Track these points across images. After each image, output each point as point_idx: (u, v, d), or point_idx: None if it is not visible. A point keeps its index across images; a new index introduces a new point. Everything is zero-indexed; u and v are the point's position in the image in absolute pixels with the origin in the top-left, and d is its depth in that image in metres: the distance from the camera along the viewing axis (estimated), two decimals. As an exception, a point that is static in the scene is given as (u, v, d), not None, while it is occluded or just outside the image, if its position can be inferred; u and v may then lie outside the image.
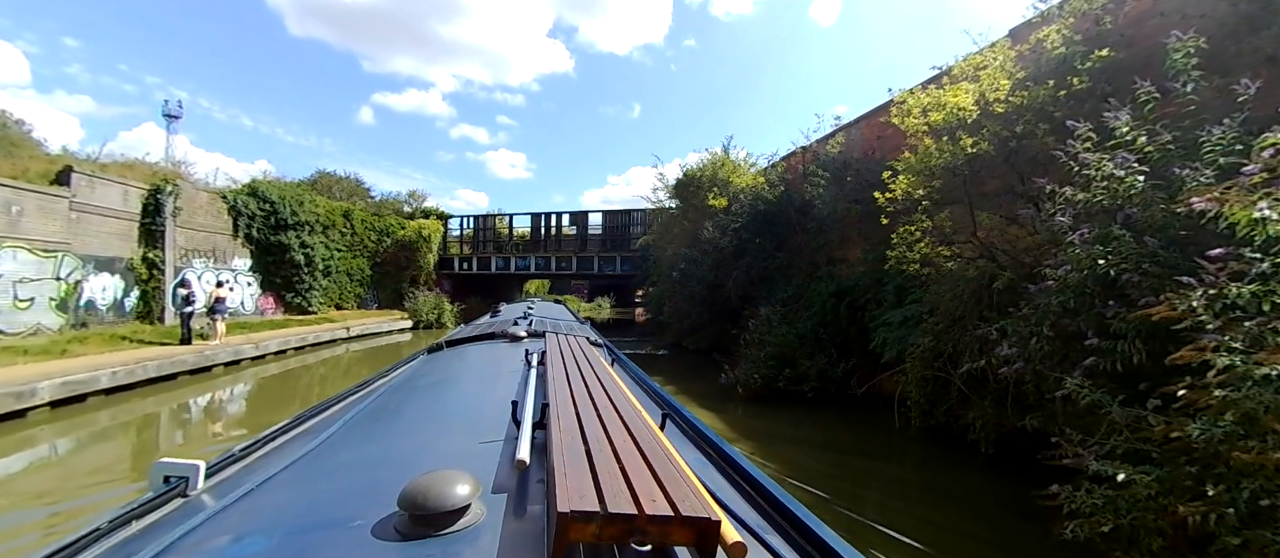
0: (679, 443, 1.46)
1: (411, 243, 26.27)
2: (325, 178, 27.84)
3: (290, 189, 20.66)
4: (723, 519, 0.83)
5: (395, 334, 20.41)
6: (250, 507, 1.20)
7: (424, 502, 0.91)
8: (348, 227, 23.78)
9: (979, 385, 6.30)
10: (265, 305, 19.82)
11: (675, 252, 15.19)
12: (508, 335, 3.46)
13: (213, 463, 1.51)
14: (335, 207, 23.20)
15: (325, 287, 22.22)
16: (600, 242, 26.52)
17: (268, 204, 19.43)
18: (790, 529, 1.06)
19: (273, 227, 19.65)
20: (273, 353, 13.56)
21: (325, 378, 12.79)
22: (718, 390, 10.04)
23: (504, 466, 1.23)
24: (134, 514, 1.20)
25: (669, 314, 14.34)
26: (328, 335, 16.26)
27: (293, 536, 1.03)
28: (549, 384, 1.81)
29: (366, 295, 25.24)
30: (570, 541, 0.80)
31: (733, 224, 13.61)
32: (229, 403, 10.10)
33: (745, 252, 13.32)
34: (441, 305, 22.14)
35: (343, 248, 23.53)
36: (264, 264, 19.66)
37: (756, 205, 13.53)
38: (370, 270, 25.16)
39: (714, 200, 14.05)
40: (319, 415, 2.19)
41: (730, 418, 8.32)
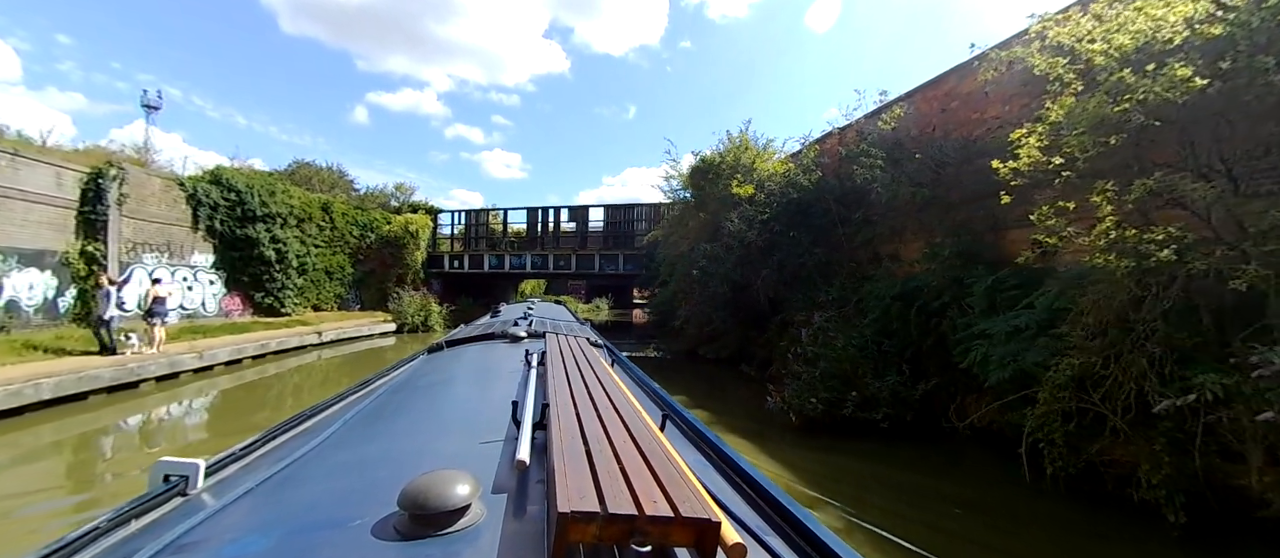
0: (679, 444, 1.48)
1: (398, 240, 24.32)
2: (304, 169, 25.83)
3: (260, 178, 18.68)
4: (723, 520, 0.83)
5: (376, 339, 18.46)
6: (250, 506, 1.20)
7: (424, 502, 0.90)
8: (327, 221, 21.80)
9: (1145, 420, 4.52)
10: (231, 306, 17.83)
11: (692, 247, 13.36)
12: (508, 336, 3.42)
13: (212, 462, 1.47)
14: (312, 199, 21.21)
15: (301, 286, 20.25)
16: (602, 239, 24.66)
17: (233, 193, 17.45)
18: (790, 531, 1.06)
19: (239, 219, 17.66)
20: (224, 363, 11.59)
21: (286, 394, 10.86)
22: (759, 414, 8.20)
23: (504, 466, 1.22)
24: (133, 513, 1.18)
25: (685, 318, 12.51)
26: (295, 341, 14.30)
27: (292, 535, 1.02)
28: (549, 385, 1.79)
29: (348, 296, 23.27)
30: (570, 541, 0.79)
31: (760, 216, 11.79)
32: (152, 430, 8.16)
33: (776, 247, 11.50)
34: (428, 307, 20.20)
35: (321, 244, 21.56)
36: (229, 260, 17.68)
37: (788, 194, 11.71)
38: (352, 269, 23.19)
39: (738, 188, 12.23)
40: (319, 415, 2.13)
41: (785, 454, 6.48)
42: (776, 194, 11.83)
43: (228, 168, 18.29)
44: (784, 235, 11.29)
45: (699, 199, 13.73)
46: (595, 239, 24.85)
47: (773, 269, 11.26)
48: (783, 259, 11.32)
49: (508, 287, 34.25)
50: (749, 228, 11.69)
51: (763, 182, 12.48)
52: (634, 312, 46.18)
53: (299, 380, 12.02)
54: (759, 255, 11.70)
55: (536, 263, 24.76)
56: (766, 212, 11.82)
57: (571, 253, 24.26)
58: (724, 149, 13.55)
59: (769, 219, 11.69)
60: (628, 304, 51.38)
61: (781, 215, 11.66)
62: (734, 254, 11.73)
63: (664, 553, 0.84)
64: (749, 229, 11.67)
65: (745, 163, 13.15)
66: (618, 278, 26.67)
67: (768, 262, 11.50)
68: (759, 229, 11.57)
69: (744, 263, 11.71)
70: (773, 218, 11.71)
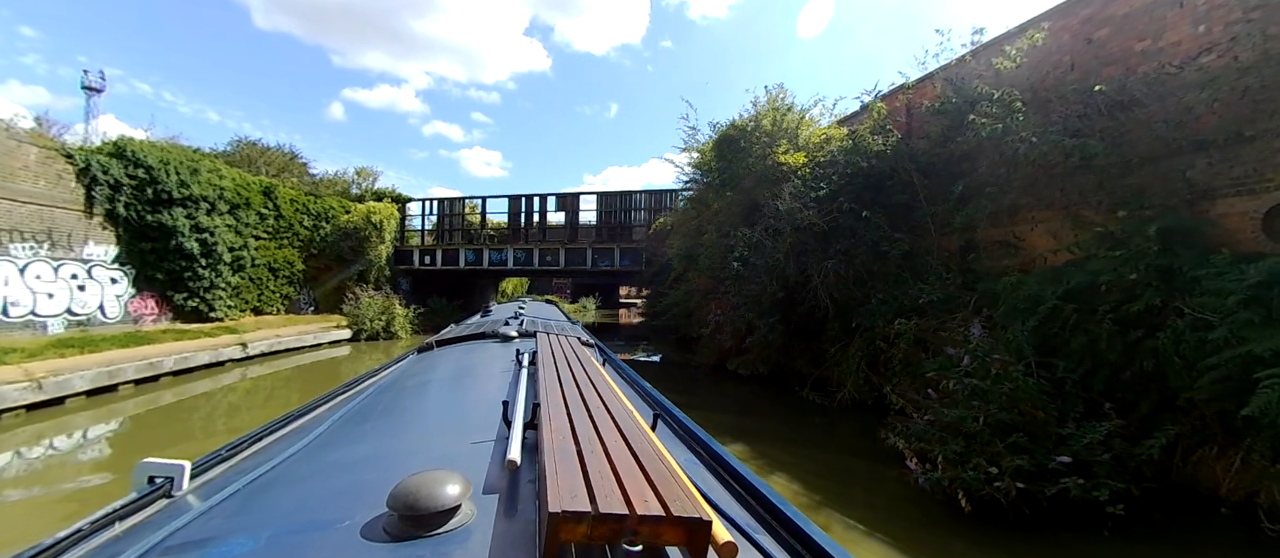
0: (670, 443, 1.49)
1: (358, 232, 21.03)
2: (247, 148, 22.28)
3: (179, 152, 15.29)
4: (713, 519, 0.83)
5: (325, 349, 15.24)
6: (237, 508, 1.17)
7: (414, 502, 0.90)
8: (270, 208, 18.43)
9: None
10: (141, 310, 14.44)
11: (723, 234, 10.56)
12: (499, 335, 3.38)
13: (198, 463, 1.44)
14: (250, 181, 17.81)
15: (236, 285, 16.89)
16: (594, 231, 21.74)
17: (142, 170, 14.06)
18: (781, 529, 1.05)
19: (150, 201, 14.28)
20: (83, 393, 8.31)
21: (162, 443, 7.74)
22: (882, 485, 5.45)
23: (495, 466, 1.21)
24: (117, 515, 1.15)
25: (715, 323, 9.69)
26: (208, 356, 11.05)
27: (280, 537, 0.99)
28: (540, 384, 1.76)
29: (299, 297, 19.92)
30: (561, 541, 0.79)
31: (814, 192, 9.07)
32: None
33: (839, 232, 8.79)
34: (391, 309, 17.05)
35: (264, 236, 18.19)
36: (138, 254, 14.29)
37: (854, 163, 9.00)
38: (304, 265, 19.84)
39: (786, 157, 9.50)
40: (307, 415, 2.09)
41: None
42: (837, 165, 9.11)
43: (135, 140, 14.84)
44: (853, 216, 8.57)
45: (725, 175, 10.94)
46: (587, 232, 21.91)
47: (838, 260, 8.53)
48: (849, 247, 8.60)
49: (487, 285, 31.06)
50: (803, 208, 8.95)
51: (813, 151, 9.76)
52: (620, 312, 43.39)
53: (193, 420, 8.83)
54: (816, 243, 8.98)
55: (520, 258, 21.72)
56: (823, 187, 9.10)
57: (559, 247, 21.28)
58: (759, 111, 10.78)
59: (828, 196, 8.97)
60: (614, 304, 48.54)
61: (845, 191, 8.95)
62: (784, 241, 8.97)
63: (655, 552, 0.83)
64: (803, 209, 8.93)
65: (787, 128, 10.42)
66: (611, 275, 23.78)
67: (828, 251, 8.78)
68: (818, 209, 8.84)
69: (798, 253, 8.97)
70: (831, 194, 8.99)
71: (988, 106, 7.15)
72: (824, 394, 8.56)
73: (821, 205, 8.97)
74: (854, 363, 8.44)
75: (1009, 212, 7.75)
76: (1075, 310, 5.67)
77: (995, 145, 7.04)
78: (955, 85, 8.33)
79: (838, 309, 8.74)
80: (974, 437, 4.71)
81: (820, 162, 9.40)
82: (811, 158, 9.48)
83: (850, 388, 8.28)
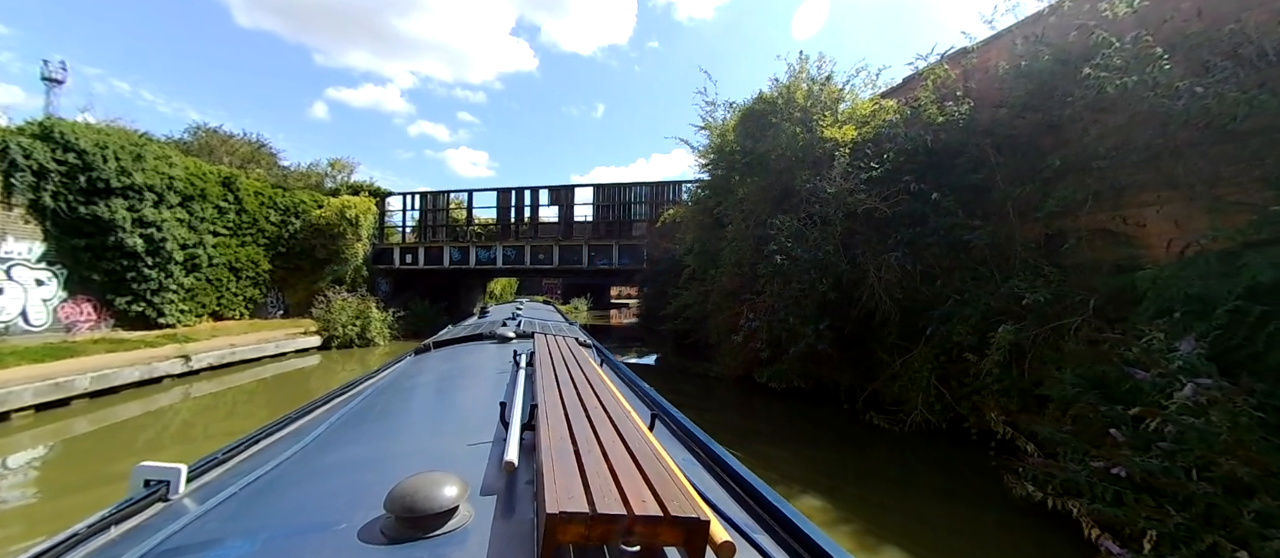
0: (668, 443, 1.47)
1: (332, 228, 19.22)
2: (208, 136, 20.29)
3: (120, 136, 13.39)
4: (711, 519, 0.83)
5: (291, 359, 13.43)
6: (233, 511, 1.16)
7: (411, 504, 0.89)
8: (230, 201, 16.55)
9: None
10: (75, 316, 12.55)
11: (752, 224, 9.05)
12: (496, 336, 3.37)
13: (195, 466, 1.43)
14: (206, 170, 15.93)
15: (190, 287, 15.02)
16: (591, 228, 20.14)
17: (74, 155, 12.18)
18: (779, 529, 1.05)
19: (84, 191, 12.40)
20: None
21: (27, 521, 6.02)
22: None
23: (492, 467, 1.21)
24: (113, 519, 1.14)
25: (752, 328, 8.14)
26: (137, 372, 9.19)
27: (277, 540, 0.98)
28: (537, 385, 1.74)
29: (266, 300, 18.07)
30: (559, 542, 0.79)
31: (866, 172, 7.62)
32: None
33: (900, 220, 7.35)
34: (367, 313, 15.29)
35: (223, 232, 16.32)
36: (70, 251, 12.40)
37: (916, 138, 7.56)
38: (270, 265, 17.98)
39: (833, 131, 8.04)
40: (304, 417, 2.07)
41: None
42: (896, 139, 7.66)
43: (67, 121, 12.93)
44: (922, 199, 7.12)
45: (752, 156, 9.43)
46: (582, 228, 20.31)
47: (902, 252, 7.08)
48: (915, 237, 7.16)
49: (474, 286, 29.28)
50: (854, 190, 7.48)
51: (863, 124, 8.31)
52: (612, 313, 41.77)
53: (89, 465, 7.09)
54: (872, 232, 7.53)
55: (509, 257, 20.06)
56: (875, 166, 7.64)
57: (553, 244, 19.67)
58: (790, 82, 9.30)
59: (884, 176, 7.52)
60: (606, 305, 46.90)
61: (904, 170, 7.50)
62: (834, 231, 7.49)
63: (653, 553, 0.83)
64: (854, 192, 7.46)
65: (826, 100, 8.95)
66: (609, 275, 22.23)
67: (887, 242, 7.33)
68: (872, 191, 7.38)
69: (850, 245, 7.51)
70: (889, 174, 7.54)
71: (1110, 57, 5.73)
72: (885, 414, 7.09)
73: (876, 187, 7.52)
74: (922, 377, 6.99)
75: (1113, 193, 6.36)
76: (1264, 313, 4.25)
77: (1124, 103, 5.61)
78: (1043, 41, 6.92)
79: (899, 311, 7.28)
80: (1188, 501, 3.25)
81: (872, 137, 7.94)
82: (862, 133, 8.01)
83: (920, 408, 6.83)
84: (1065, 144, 6.64)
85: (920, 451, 6.53)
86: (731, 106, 11.27)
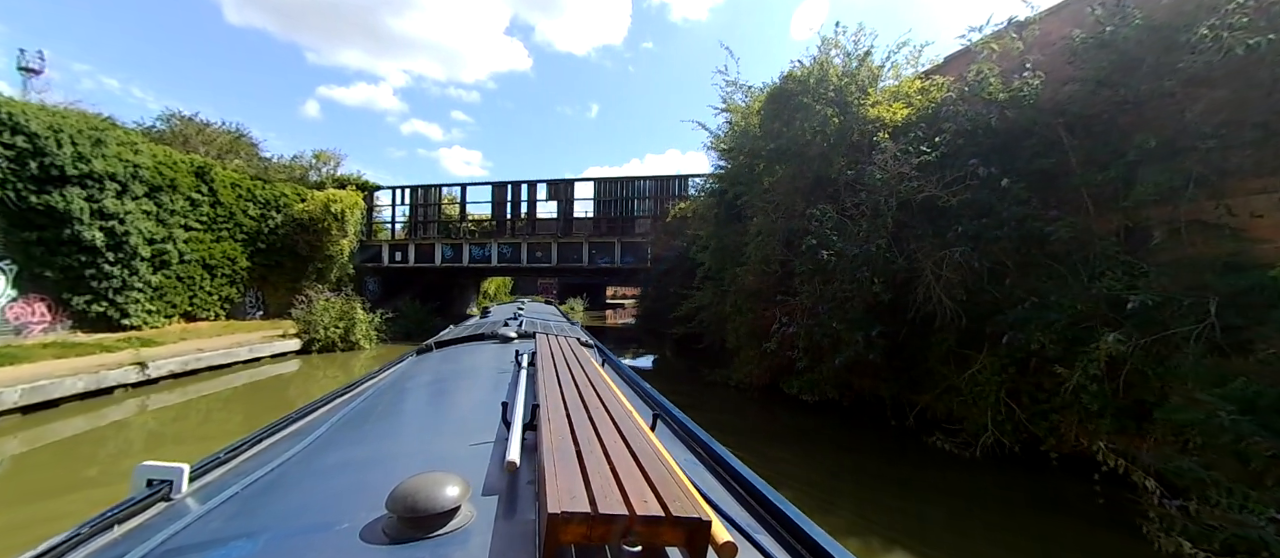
0: (670, 443, 1.47)
1: (316, 223, 18.06)
2: (184, 125, 19.03)
3: (77, 119, 12.18)
4: (713, 519, 0.82)
5: (266, 364, 12.28)
6: (236, 510, 1.15)
7: (413, 504, 0.89)
8: (204, 192, 15.37)
9: None
10: (24, 316, 11.36)
11: (783, 215, 8.08)
12: (498, 336, 3.37)
13: (197, 466, 1.42)
14: (177, 159, 14.73)
15: (158, 286, 13.83)
16: (592, 225, 19.12)
17: (23, 137, 11.00)
18: (780, 529, 1.05)
19: (36, 178, 11.22)
20: None
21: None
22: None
23: (494, 467, 1.20)
24: (115, 518, 1.14)
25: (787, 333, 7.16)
26: (80, 383, 7.89)
27: (279, 539, 0.98)
28: (539, 385, 1.74)
29: (243, 300, 16.89)
30: (561, 542, 0.79)
31: (918, 158, 6.67)
32: None
33: (961, 210, 6.41)
34: (351, 314, 14.16)
35: (197, 226, 15.14)
36: (19, 245, 11.22)
37: (979, 118, 6.62)
38: (248, 262, 16.80)
39: (880, 109, 7.10)
40: (306, 417, 2.05)
41: None
42: (958, 117, 6.71)
43: (15, 100, 11.72)
44: (989, 187, 6.18)
45: (781, 140, 8.45)
46: (583, 225, 19.27)
47: (965, 247, 6.13)
48: (979, 230, 6.21)
49: (467, 285, 28.18)
50: (902, 178, 6.53)
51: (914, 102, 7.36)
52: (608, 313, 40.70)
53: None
54: (926, 224, 6.59)
55: (505, 255, 18.99)
56: (925, 150, 6.70)
57: (551, 242, 18.62)
58: (824, 58, 8.34)
59: (939, 159, 6.58)
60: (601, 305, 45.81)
61: (965, 154, 6.56)
62: (884, 223, 6.53)
63: (654, 553, 0.83)
64: (904, 181, 6.51)
65: (862, 80, 7.99)
66: (609, 274, 21.21)
67: (945, 235, 6.38)
68: (933, 177, 6.44)
69: (904, 238, 6.56)
70: (945, 159, 6.60)
71: (1233, 14, 4.80)
72: (947, 434, 6.14)
73: (931, 173, 6.57)
74: (990, 392, 6.05)
75: (1217, 178, 5.45)
76: None
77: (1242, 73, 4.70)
78: (1122, 9, 6.00)
79: (961, 315, 6.33)
80: None
81: (928, 116, 7.00)
82: (912, 113, 7.07)
83: (990, 428, 5.88)
84: (1148, 123, 5.73)
85: (999, 481, 5.58)
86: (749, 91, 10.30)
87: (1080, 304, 5.51)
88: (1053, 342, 5.51)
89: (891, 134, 7.23)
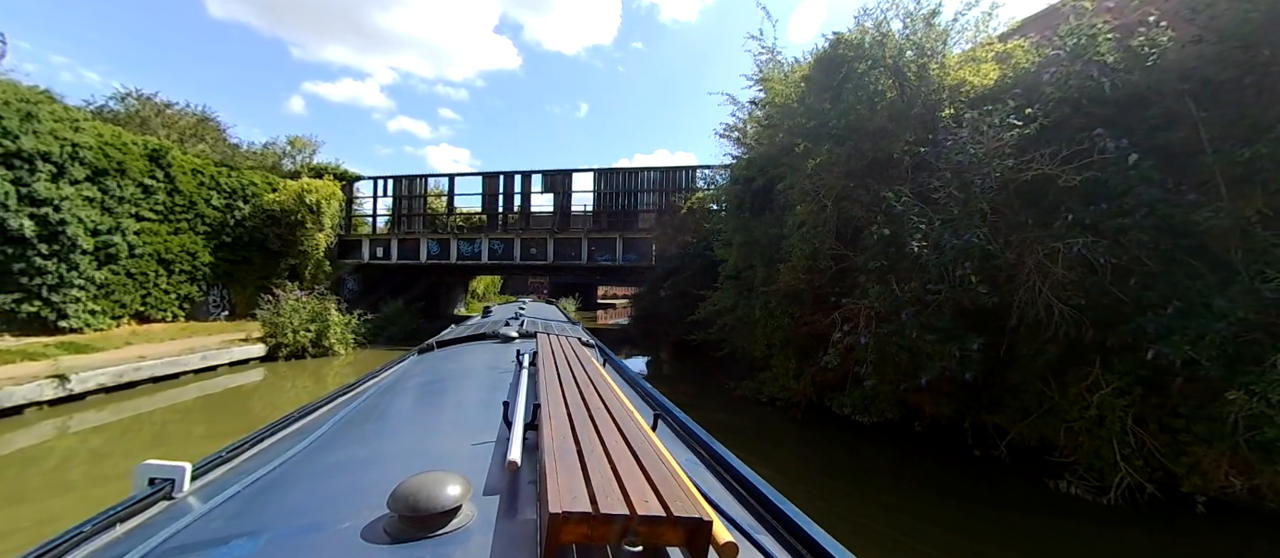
0: (671, 443, 1.47)
1: (289, 215, 16.49)
2: (142, 105, 17.25)
3: (3, 90, 10.54)
4: (714, 519, 0.83)
5: (222, 374, 10.74)
6: (237, 509, 1.15)
7: (414, 503, 0.89)
8: (159, 178, 13.75)
9: None
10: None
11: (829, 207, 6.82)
12: (499, 336, 3.37)
13: (199, 464, 1.40)
14: (127, 140, 13.10)
15: (103, 282, 12.22)
16: (592, 219, 17.78)
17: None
18: (782, 529, 1.04)
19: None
20: None
21: None
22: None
23: (495, 467, 1.20)
24: (118, 517, 1.13)
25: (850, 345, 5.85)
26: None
27: (281, 538, 0.98)
28: (541, 385, 1.74)
29: (206, 299, 15.28)
30: (562, 542, 0.79)
31: (1010, 132, 5.46)
32: None
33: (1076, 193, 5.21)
34: (325, 315, 12.66)
35: (150, 215, 13.52)
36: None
37: (1089, 85, 5.43)
38: (211, 257, 15.19)
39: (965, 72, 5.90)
40: (308, 417, 2.03)
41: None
42: (1067, 85, 5.51)
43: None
44: (1116, 165, 4.98)
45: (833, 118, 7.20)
46: (581, 221, 17.92)
47: (1085, 240, 4.92)
48: (1100, 218, 5.01)
49: (455, 284, 26.66)
50: (993, 157, 5.32)
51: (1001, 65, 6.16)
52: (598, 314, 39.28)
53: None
54: (1027, 212, 5.38)
55: (496, 251, 17.58)
56: (1018, 123, 5.48)
57: (547, 237, 17.25)
58: (879, 20, 7.10)
59: (1037, 134, 5.38)
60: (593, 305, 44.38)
61: (1069, 127, 5.37)
62: (978, 209, 5.31)
63: (655, 553, 0.82)
64: (997, 160, 5.31)
65: (932, 43, 6.78)
66: (609, 272, 19.91)
67: (1052, 225, 5.18)
68: (1034, 153, 5.23)
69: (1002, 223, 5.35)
70: (1043, 133, 5.41)
71: None
72: (1076, 476, 4.93)
73: (1033, 149, 5.37)
74: (1116, 420, 4.86)
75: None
76: None
77: None
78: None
79: (1078, 322, 5.12)
80: None
81: (1018, 82, 5.80)
82: (1007, 76, 5.88)
83: (1121, 464, 4.69)
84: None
85: (1144, 535, 4.38)
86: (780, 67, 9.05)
87: (1244, 311, 4.34)
88: (1212, 358, 4.33)
89: (970, 104, 6.04)
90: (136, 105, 16.84)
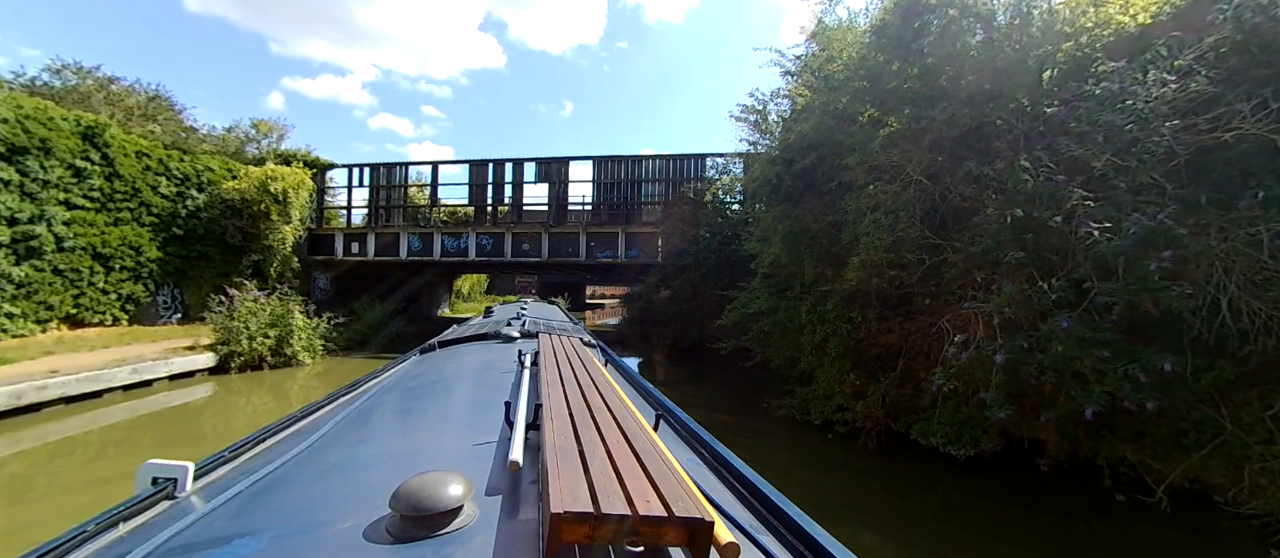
0: (672, 444, 1.46)
1: (251, 205, 14.71)
2: (82, 78, 15.29)
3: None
4: (716, 520, 0.82)
5: (160, 390, 9.01)
6: (240, 509, 1.15)
7: (416, 503, 0.88)
8: (96, 161, 11.92)
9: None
10: None
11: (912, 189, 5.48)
12: (501, 336, 3.38)
13: (201, 464, 1.39)
14: (56, 115, 11.27)
15: (24, 280, 10.41)
16: (592, 214, 16.30)
17: None
18: (783, 529, 1.03)
19: None
20: None
21: None
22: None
23: (497, 467, 1.19)
24: (121, 516, 1.13)
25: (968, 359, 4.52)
26: None
27: (283, 538, 0.97)
28: (542, 385, 1.73)
29: (154, 299, 13.46)
30: (563, 542, 0.78)
31: (1163, 88, 4.17)
32: None
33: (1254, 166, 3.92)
34: (288, 318, 10.97)
35: (84, 204, 11.70)
36: None
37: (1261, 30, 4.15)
38: (159, 252, 13.37)
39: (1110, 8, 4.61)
40: (310, 416, 2.02)
41: None
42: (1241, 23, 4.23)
43: None
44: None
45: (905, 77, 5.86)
46: (578, 215, 16.42)
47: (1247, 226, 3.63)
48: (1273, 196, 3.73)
49: (438, 283, 24.94)
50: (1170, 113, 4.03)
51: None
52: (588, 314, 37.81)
53: None
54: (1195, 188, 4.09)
55: (485, 247, 16.01)
56: (1170, 75, 4.20)
57: (541, 232, 15.74)
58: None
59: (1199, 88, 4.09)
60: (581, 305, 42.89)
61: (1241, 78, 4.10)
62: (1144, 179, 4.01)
63: (657, 553, 0.82)
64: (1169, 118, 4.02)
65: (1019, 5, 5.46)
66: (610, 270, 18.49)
67: (1238, 205, 3.90)
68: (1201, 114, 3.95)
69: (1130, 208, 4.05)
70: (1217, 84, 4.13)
71: None
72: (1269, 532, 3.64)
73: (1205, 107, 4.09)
74: None
75: None
76: None
77: None
78: None
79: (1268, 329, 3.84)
80: None
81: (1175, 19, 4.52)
82: (1163, 8, 4.60)
83: None
84: None
85: None
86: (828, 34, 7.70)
87: None
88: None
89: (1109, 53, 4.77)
90: (75, 79, 14.88)
